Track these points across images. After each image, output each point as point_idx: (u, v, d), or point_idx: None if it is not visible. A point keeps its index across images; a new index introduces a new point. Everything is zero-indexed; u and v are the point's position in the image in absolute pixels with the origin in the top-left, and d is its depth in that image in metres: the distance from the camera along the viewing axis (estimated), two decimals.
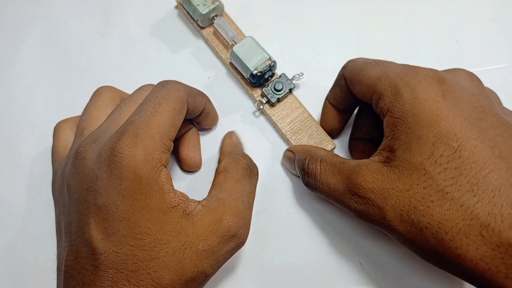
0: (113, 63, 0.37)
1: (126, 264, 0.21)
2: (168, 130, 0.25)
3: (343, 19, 0.37)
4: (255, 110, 0.34)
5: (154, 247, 0.22)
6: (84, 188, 0.23)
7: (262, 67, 0.32)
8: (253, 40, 0.33)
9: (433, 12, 0.37)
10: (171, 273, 0.22)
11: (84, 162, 0.24)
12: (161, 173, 0.24)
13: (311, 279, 0.29)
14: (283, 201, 0.32)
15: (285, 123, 0.33)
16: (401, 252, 0.30)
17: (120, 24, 0.38)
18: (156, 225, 0.22)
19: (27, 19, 0.38)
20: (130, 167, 0.22)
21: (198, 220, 0.23)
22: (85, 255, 0.22)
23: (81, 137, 0.26)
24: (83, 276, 0.22)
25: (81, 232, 0.23)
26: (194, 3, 0.34)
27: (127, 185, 0.22)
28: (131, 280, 0.21)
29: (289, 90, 0.33)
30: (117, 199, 0.22)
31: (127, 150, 0.22)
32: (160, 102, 0.25)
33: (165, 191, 0.23)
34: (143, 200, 0.23)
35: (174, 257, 0.22)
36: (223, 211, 0.24)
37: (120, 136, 0.23)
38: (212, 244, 0.23)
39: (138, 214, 0.22)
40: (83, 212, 0.23)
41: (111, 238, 0.22)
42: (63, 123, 0.30)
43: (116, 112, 0.26)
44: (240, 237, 0.25)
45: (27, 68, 0.37)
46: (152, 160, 0.23)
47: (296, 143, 0.32)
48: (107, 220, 0.22)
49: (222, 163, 0.28)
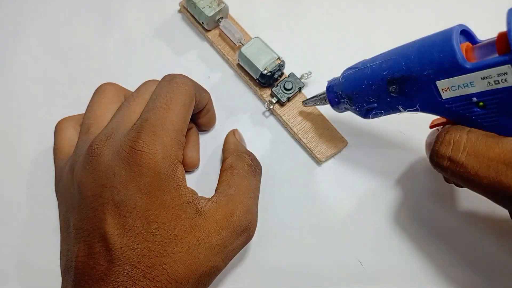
0: (114, 63, 0.36)
1: (142, 260, 0.22)
2: (181, 126, 0.25)
3: (345, 16, 0.38)
4: (264, 111, 0.34)
5: (169, 243, 0.22)
6: (99, 185, 0.23)
7: (272, 67, 0.32)
8: (260, 41, 0.33)
9: (434, 12, 0.38)
10: (186, 268, 0.22)
11: (99, 159, 0.24)
12: (177, 169, 0.24)
13: (311, 279, 0.29)
14: (283, 201, 0.31)
15: (296, 122, 0.33)
16: (401, 252, 0.30)
17: (122, 25, 0.38)
18: (172, 221, 0.23)
19: (27, 19, 0.38)
20: (150, 164, 0.23)
21: (210, 215, 0.24)
22: (99, 250, 0.22)
23: (88, 135, 0.26)
24: (97, 271, 0.22)
25: (96, 228, 0.22)
26: (199, 6, 0.35)
27: (146, 182, 0.23)
28: (146, 275, 0.21)
29: (298, 89, 0.33)
30: (136, 195, 0.23)
31: (147, 147, 0.23)
32: (171, 97, 0.25)
33: (181, 187, 0.24)
34: (161, 196, 0.23)
35: (189, 252, 0.23)
36: (234, 206, 0.25)
37: (138, 133, 0.23)
38: (224, 238, 0.24)
39: (156, 210, 0.23)
40: (98, 208, 0.23)
41: (128, 234, 0.22)
42: (65, 121, 0.29)
43: (125, 108, 0.26)
44: (250, 231, 0.25)
45: (27, 68, 0.36)
46: (169, 156, 0.24)
47: (308, 142, 0.32)
48: (124, 216, 0.22)
49: (227, 160, 0.28)
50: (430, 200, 0.31)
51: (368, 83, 0.24)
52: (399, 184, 0.31)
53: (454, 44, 0.20)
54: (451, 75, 0.20)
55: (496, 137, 0.21)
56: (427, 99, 0.22)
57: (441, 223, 0.30)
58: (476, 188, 0.22)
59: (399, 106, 0.24)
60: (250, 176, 0.27)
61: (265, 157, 0.32)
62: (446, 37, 0.20)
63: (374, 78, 0.24)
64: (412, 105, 0.23)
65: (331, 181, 0.32)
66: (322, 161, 0.32)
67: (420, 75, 0.22)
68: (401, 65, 0.22)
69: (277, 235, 0.30)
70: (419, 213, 0.31)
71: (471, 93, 0.20)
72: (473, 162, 0.21)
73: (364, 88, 0.25)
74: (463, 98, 0.21)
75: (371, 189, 0.31)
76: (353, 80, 0.26)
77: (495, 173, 0.20)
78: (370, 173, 0.32)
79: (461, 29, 0.21)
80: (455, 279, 0.29)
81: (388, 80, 0.23)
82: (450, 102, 0.22)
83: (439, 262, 0.29)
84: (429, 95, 0.22)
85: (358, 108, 0.26)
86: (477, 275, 0.29)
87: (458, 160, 0.22)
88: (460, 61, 0.20)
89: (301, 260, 0.30)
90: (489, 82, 0.20)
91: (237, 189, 0.26)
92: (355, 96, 0.26)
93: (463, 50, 0.21)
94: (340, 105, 0.28)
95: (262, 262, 0.30)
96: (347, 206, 0.31)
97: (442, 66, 0.21)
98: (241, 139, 0.32)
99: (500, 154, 0.20)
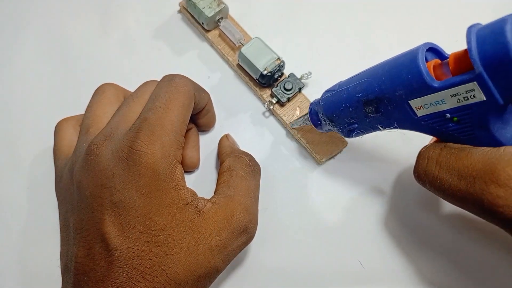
0: (114, 63, 0.36)
1: (141, 260, 0.22)
2: (181, 126, 0.25)
3: (345, 16, 0.38)
4: (264, 111, 0.34)
5: (168, 243, 0.22)
6: (98, 185, 0.23)
7: (272, 67, 0.32)
8: (260, 41, 0.33)
9: (434, 12, 0.38)
10: (185, 269, 0.22)
11: (98, 159, 0.24)
12: (176, 169, 0.24)
13: (311, 279, 0.29)
14: (283, 201, 0.31)
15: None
16: (401, 252, 0.30)
17: (122, 25, 0.38)
18: (171, 222, 0.23)
19: (27, 19, 0.38)
20: (149, 164, 0.23)
21: (210, 216, 0.24)
22: (99, 251, 0.22)
23: (88, 135, 0.26)
24: (96, 272, 0.21)
25: (95, 229, 0.22)
26: (199, 6, 0.34)
27: (145, 182, 0.23)
28: (145, 276, 0.21)
29: (298, 89, 0.33)
30: (134, 196, 0.23)
31: (145, 147, 0.23)
32: (170, 98, 0.25)
33: (180, 188, 0.24)
34: (160, 197, 0.23)
35: (188, 253, 0.22)
36: (233, 207, 0.25)
37: (137, 133, 0.23)
38: (224, 239, 0.24)
39: (155, 211, 0.23)
40: (97, 209, 0.23)
41: (127, 235, 0.22)
42: (64, 121, 0.29)
43: (125, 108, 0.26)
44: (250, 232, 0.25)
45: (27, 68, 0.36)
46: (168, 157, 0.24)
47: (308, 142, 0.32)
48: (123, 217, 0.22)
49: (225, 162, 0.28)
50: (430, 200, 0.31)
51: (345, 105, 0.25)
52: (400, 184, 0.31)
53: (420, 65, 0.20)
54: (422, 94, 0.21)
55: (466, 150, 0.21)
56: (403, 118, 0.23)
57: (441, 222, 0.30)
58: (454, 201, 0.22)
59: (378, 125, 0.25)
60: (249, 177, 0.27)
61: (265, 158, 0.32)
62: (412, 58, 0.21)
63: (350, 100, 0.25)
64: (390, 124, 0.24)
65: (331, 181, 0.32)
66: (322, 162, 0.32)
67: (392, 96, 0.22)
68: (373, 87, 0.23)
69: (277, 235, 0.30)
70: (419, 212, 0.31)
71: (444, 109, 0.21)
72: (446, 175, 0.21)
73: (342, 110, 0.25)
74: (437, 115, 0.21)
75: (371, 189, 0.31)
76: (331, 103, 0.26)
77: (465, 185, 0.20)
78: (370, 173, 0.32)
79: (427, 47, 0.21)
80: (455, 279, 0.29)
81: (363, 101, 0.24)
82: (426, 119, 0.22)
83: (439, 262, 0.29)
84: (404, 114, 0.23)
85: (340, 129, 0.27)
86: (478, 275, 0.29)
87: (433, 173, 0.22)
88: (428, 81, 0.20)
89: (301, 260, 0.30)
90: (459, 99, 0.20)
91: (236, 189, 0.26)
92: (336, 118, 0.26)
93: (431, 67, 0.21)
94: (323, 126, 0.29)
95: (262, 262, 0.30)
96: (347, 206, 0.31)
97: (411, 87, 0.21)
98: (234, 143, 0.32)
99: (468, 166, 0.20)
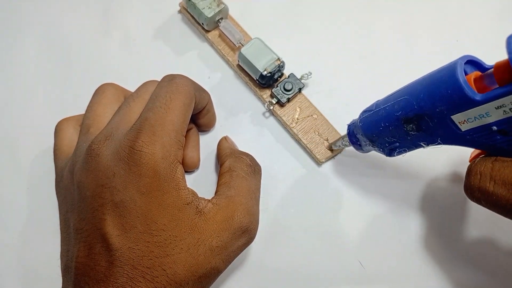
0: (114, 64, 0.36)
1: (142, 261, 0.22)
2: (181, 126, 0.25)
3: (345, 16, 0.38)
4: (264, 111, 0.34)
5: (169, 244, 0.22)
6: (98, 185, 0.23)
7: (272, 67, 0.32)
8: (260, 41, 0.33)
9: (434, 12, 0.38)
10: (185, 270, 0.22)
11: (98, 159, 0.24)
12: (177, 169, 0.24)
13: (311, 279, 0.29)
14: (284, 202, 0.31)
15: (296, 123, 0.33)
16: (401, 252, 0.30)
17: (122, 25, 0.38)
18: (172, 222, 0.23)
19: (27, 19, 0.38)
20: (149, 164, 0.23)
21: (210, 217, 0.24)
22: (99, 251, 0.22)
23: (88, 135, 0.26)
24: (97, 272, 0.21)
25: (95, 229, 0.22)
26: (199, 7, 0.34)
27: (146, 182, 0.23)
28: (146, 276, 0.21)
29: (298, 89, 0.33)
30: (135, 196, 0.23)
31: (146, 147, 0.23)
32: (171, 97, 0.25)
33: (180, 188, 0.24)
34: (161, 197, 0.23)
35: (189, 254, 0.22)
36: (234, 208, 0.25)
37: (138, 133, 0.23)
38: (225, 240, 0.24)
39: (155, 211, 0.23)
40: (98, 209, 0.23)
41: (128, 235, 0.22)
42: (65, 121, 0.29)
43: (125, 108, 0.26)
44: (251, 232, 0.25)
45: (27, 68, 0.36)
46: (169, 157, 0.24)
47: (308, 143, 0.32)
48: (124, 217, 0.22)
49: (226, 163, 0.28)
50: (431, 199, 0.31)
51: (385, 124, 0.24)
52: (400, 184, 0.31)
53: (460, 79, 0.19)
54: (464, 109, 0.20)
55: None
56: (447, 133, 0.22)
57: (442, 222, 0.30)
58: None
59: (421, 142, 0.24)
60: (250, 177, 0.27)
61: (265, 158, 0.32)
62: (451, 72, 0.20)
63: (389, 119, 0.24)
64: (434, 140, 0.23)
65: (331, 181, 0.32)
66: (322, 162, 0.32)
67: (433, 112, 0.21)
68: (412, 104, 0.22)
69: (277, 236, 0.30)
70: (419, 212, 0.31)
71: (489, 122, 0.20)
72: (502, 190, 0.21)
73: (382, 130, 0.25)
74: (482, 128, 0.20)
75: (371, 189, 0.31)
76: (370, 123, 0.26)
77: None
78: (370, 173, 0.32)
79: (466, 60, 0.21)
80: (455, 278, 0.29)
81: (403, 120, 0.23)
82: (471, 133, 0.21)
83: (439, 262, 0.29)
84: (447, 129, 0.22)
85: (381, 148, 0.26)
86: (478, 275, 0.29)
87: (487, 189, 0.21)
88: (470, 95, 0.19)
89: (301, 260, 0.30)
90: (505, 111, 0.19)
91: (237, 190, 0.26)
92: (376, 138, 0.26)
93: (471, 80, 0.20)
94: (363, 147, 0.28)
95: (262, 263, 0.30)
96: (347, 206, 0.31)
97: (453, 102, 0.20)
98: (233, 144, 0.32)
99: None
